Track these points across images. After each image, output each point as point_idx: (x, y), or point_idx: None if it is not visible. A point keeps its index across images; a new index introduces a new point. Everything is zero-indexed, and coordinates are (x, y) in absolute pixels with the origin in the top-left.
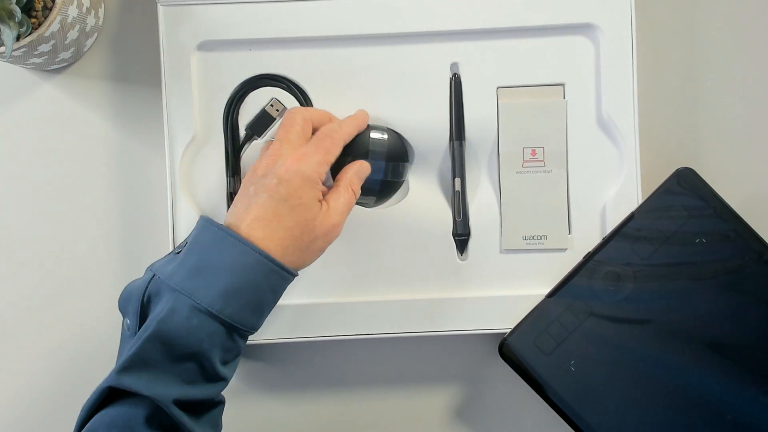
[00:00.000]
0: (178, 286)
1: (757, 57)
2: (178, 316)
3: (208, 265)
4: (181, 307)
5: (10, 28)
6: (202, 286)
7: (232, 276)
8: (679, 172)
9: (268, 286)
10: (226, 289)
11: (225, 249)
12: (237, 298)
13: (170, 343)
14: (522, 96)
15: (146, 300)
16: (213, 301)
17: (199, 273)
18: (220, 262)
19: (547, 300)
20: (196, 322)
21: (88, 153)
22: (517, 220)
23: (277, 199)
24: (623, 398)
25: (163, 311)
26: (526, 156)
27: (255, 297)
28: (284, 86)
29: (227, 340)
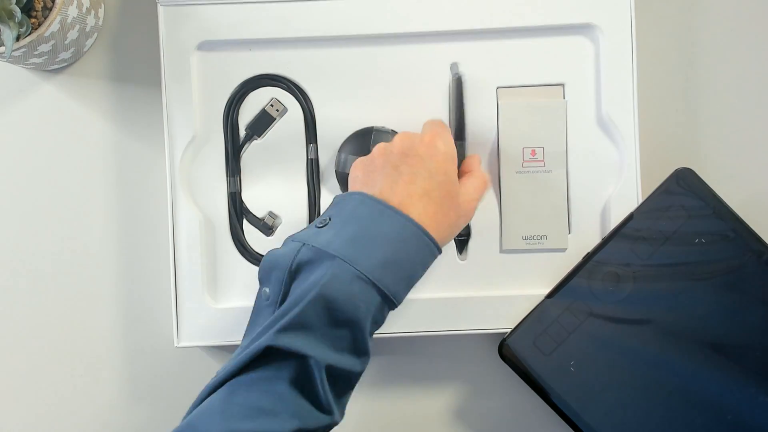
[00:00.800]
0: (338, 253)
1: (757, 57)
2: (339, 282)
3: (367, 234)
4: (343, 273)
5: (10, 28)
6: (363, 254)
7: (392, 246)
8: (678, 172)
9: (420, 260)
10: (386, 259)
11: (384, 221)
12: (394, 269)
13: (331, 308)
14: (522, 96)
15: (294, 268)
16: (373, 269)
17: (359, 242)
18: (379, 233)
19: (547, 301)
20: (356, 289)
21: (88, 153)
22: (517, 220)
23: (424, 176)
24: (623, 398)
25: (325, 276)
26: (526, 156)
27: (409, 269)
28: (284, 86)
29: (379, 312)
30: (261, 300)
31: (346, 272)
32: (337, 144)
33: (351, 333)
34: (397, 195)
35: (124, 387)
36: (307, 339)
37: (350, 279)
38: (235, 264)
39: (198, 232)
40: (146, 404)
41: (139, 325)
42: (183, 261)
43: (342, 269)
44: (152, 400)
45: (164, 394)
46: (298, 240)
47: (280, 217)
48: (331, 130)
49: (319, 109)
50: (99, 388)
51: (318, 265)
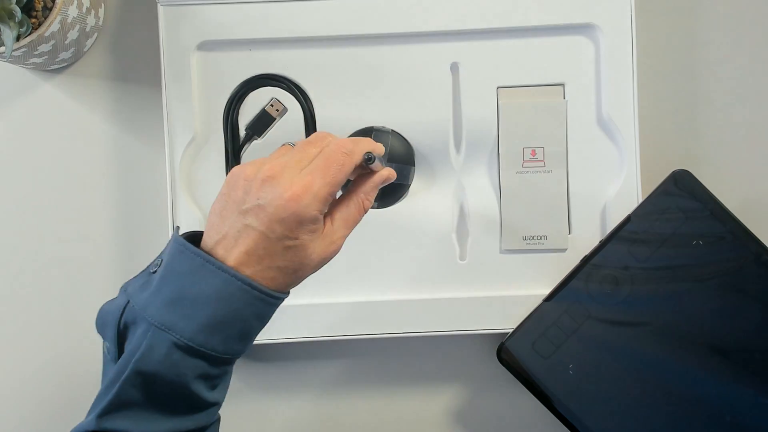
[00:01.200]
0: (154, 320)
1: (757, 57)
2: (156, 353)
3: (188, 294)
4: (160, 344)
5: (10, 28)
6: (181, 319)
7: (214, 307)
8: (675, 174)
9: (253, 314)
10: (207, 322)
11: (206, 278)
12: (220, 330)
13: (151, 382)
14: (522, 96)
15: (122, 327)
16: (194, 336)
17: (176, 304)
18: (199, 292)
19: (545, 304)
20: (177, 358)
21: (88, 153)
22: (517, 220)
23: (271, 238)
24: (622, 401)
25: (140, 348)
26: (526, 156)
27: (240, 326)
28: (284, 86)
29: (212, 369)
30: (104, 353)
31: (162, 342)
32: None
33: (183, 398)
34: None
35: None
36: (135, 416)
37: (167, 349)
38: None
39: None
40: None
41: None
42: None
43: (158, 339)
44: None
45: None
46: (127, 293)
47: None
48: (331, 130)
49: (319, 109)
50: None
51: (137, 329)
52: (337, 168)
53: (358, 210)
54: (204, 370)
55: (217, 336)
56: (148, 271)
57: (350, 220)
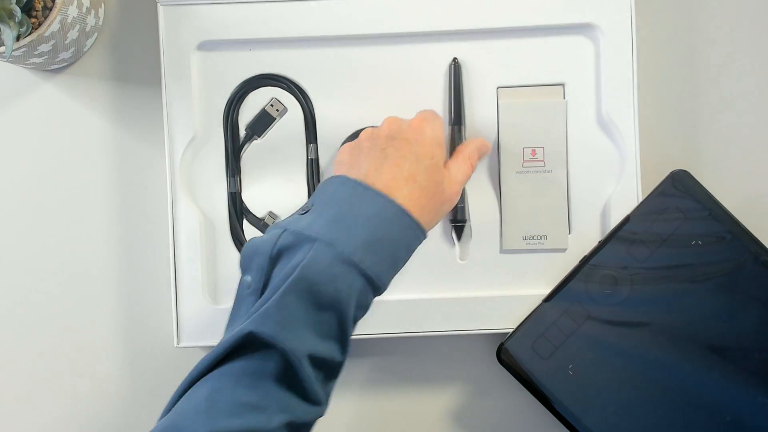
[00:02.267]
0: (319, 235)
1: (757, 57)
2: (320, 264)
3: (348, 215)
4: (323, 255)
5: (10, 28)
6: (344, 235)
7: (373, 227)
8: (673, 174)
9: (404, 242)
10: (367, 239)
11: (366, 201)
12: (377, 250)
13: (312, 291)
14: (522, 96)
15: (275, 254)
16: (355, 250)
17: (339, 222)
18: (360, 213)
19: (545, 304)
20: (338, 271)
21: (88, 153)
22: (517, 220)
23: (411, 159)
24: (622, 401)
25: (305, 259)
26: (526, 156)
27: (392, 251)
28: (284, 86)
29: (362, 294)
30: (242, 288)
31: (326, 254)
32: (337, 144)
33: (334, 317)
34: (382, 178)
35: (124, 387)
36: (289, 325)
37: (330, 260)
38: (235, 264)
39: (198, 232)
40: (146, 404)
41: (139, 325)
42: (183, 261)
43: (322, 251)
44: (152, 400)
45: (164, 394)
46: (280, 227)
47: (280, 218)
48: (331, 130)
49: (319, 109)
50: (99, 388)
51: (298, 249)
52: (432, 112)
53: (467, 165)
54: (357, 290)
55: (374, 255)
56: (298, 213)
57: (462, 171)
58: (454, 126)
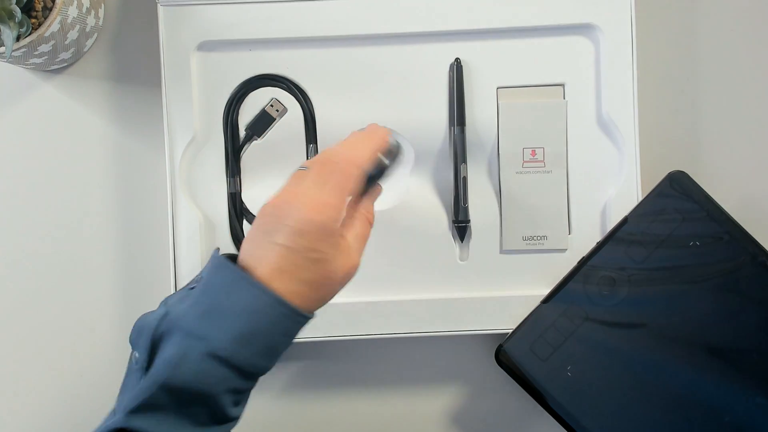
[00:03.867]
0: (189, 329)
1: (757, 57)
2: (189, 361)
3: (220, 307)
4: (192, 352)
5: (10, 28)
6: (214, 329)
7: (246, 320)
8: (671, 175)
9: (281, 331)
10: (239, 333)
11: (238, 292)
12: (249, 344)
13: (181, 388)
14: (522, 96)
15: (158, 337)
16: (225, 345)
17: (211, 315)
18: (232, 305)
19: (543, 306)
20: (207, 367)
21: (88, 153)
22: (517, 220)
23: (295, 251)
24: (620, 402)
25: (174, 356)
26: (526, 156)
27: (268, 341)
28: (284, 86)
29: (239, 383)
30: (132, 363)
31: (195, 350)
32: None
33: (208, 409)
34: (265, 267)
35: None
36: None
37: (199, 358)
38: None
39: (198, 232)
40: None
41: None
42: (183, 261)
43: (192, 347)
44: None
45: None
46: (166, 306)
47: None
48: (331, 130)
49: (319, 109)
50: (99, 388)
51: (171, 338)
52: (342, 178)
53: (365, 225)
54: (232, 382)
55: (247, 348)
56: (188, 288)
57: (361, 235)
58: (456, 127)
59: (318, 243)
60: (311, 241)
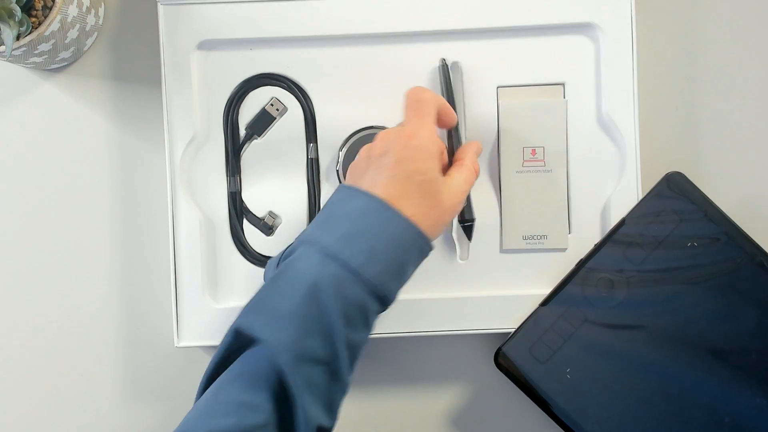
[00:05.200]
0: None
1: (758, 56)
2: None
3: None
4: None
5: (10, 27)
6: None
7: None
8: (669, 176)
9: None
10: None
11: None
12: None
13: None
14: (522, 96)
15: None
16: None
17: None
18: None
19: (541, 308)
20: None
21: (88, 153)
22: (517, 220)
23: (401, 178)
24: (620, 404)
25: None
26: (526, 155)
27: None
28: (284, 86)
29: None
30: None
31: (309, 250)
32: (337, 143)
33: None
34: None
35: (124, 387)
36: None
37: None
38: (235, 264)
39: (198, 232)
40: (146, 404)
41: (139, 325)
42: (183, 261)
43: (307, 249)
44: (152, 400)
45: (164, 394)
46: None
47: (280, 217)
48: (331, 129)
49: (319, 108)
50: (99, 388)
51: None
52: (424, 106)
53: (470, 171)
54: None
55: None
56: None
57: (465, 178)
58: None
59: (420, 164)
60: (416, 163)
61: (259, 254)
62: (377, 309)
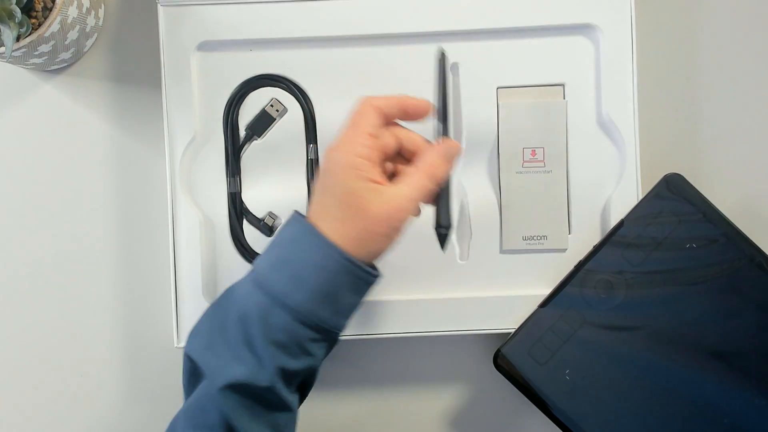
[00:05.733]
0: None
1: (757, 57)
2: (238, 287)
3: (271, 243)
4: (243, 281)
5: (10, 28)
6: (259, 260)
7: (282, 249)
8: (667, 177)
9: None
10: (274, 260)
11: (285, 228)
12: (281, 268)
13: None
14: (522, 96)
15: None
16: (262, 270)
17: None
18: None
19: (540, 310)
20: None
21: (88, 153)
22: (517, 220)
23: (322, 192)
24: (619, 406)
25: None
26: (526, 156)
27: (298, 267)
28: (284, 86)
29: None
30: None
31: (247, 278)
32: None
33: (242, 335)
34: (310, 215)
35: (124, 387)
36: (206, 344)
37: (246, 282)
38: (235, 264)
39: (198, 232)
40: (146, 404)
41: (139, 325)
42: (183, 261)
43: (246, 276)
44: (152, 400)
45: (164, 394)
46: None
47: (280, 218)
48: (332, 130)
49: (319, 109)
50: (99, 389)
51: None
52: (358, 114)
53: (423, 176)
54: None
55: (277, 273)
56: None
57: (414, 182)
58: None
59: (339, 175)
60: (335, 177)
61: (259, 254)
62: (313, 336)
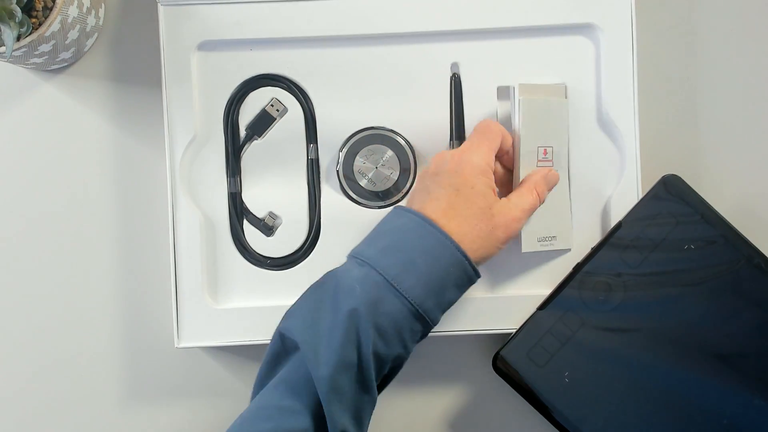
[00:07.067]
0: (354, 251)
1: (757, 56)
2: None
3: (377, 231)
4: (350, 263)
5: (10, 28)
6: (368, 246)
7: (392, 236)
8: (665, 179)
9: (423, 247)
10: (385, 246)
11: (394, 219)
12: (392, 253)
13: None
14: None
15: None
16: (372, 255)
17: (369, 238)
18: (385, 228)
19: (539, 312)
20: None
21: (88, 153)
22: (534, 222)
23: (450, 191)
24: (618, 407)
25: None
26: (539, 155)
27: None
28: (284, 86)
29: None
30: None
31: (351, 262)
32: (337, 144)
33: (348, 318)
34: (426, 210)
35: (124, 387)
36: (305, 323)
37: (351, 265)
38: (235, 264)
39: (198, 232)
40: (146, 404)
41: (139, 325)
42: (183, 261)
43: (349, 261)
44: (152, 400)
45: (164, 394)
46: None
47: (281, 218)
48: (332, 130)
49: (319, 109)
50: (99, 388)
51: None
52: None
53: (533, 195)
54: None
55: (387, 257)
56: None
57: (525, 199)
58: (455, 141)
59: (470, 178)
60: (463, 177)
61: (259, 255)
62: (413, 326)
